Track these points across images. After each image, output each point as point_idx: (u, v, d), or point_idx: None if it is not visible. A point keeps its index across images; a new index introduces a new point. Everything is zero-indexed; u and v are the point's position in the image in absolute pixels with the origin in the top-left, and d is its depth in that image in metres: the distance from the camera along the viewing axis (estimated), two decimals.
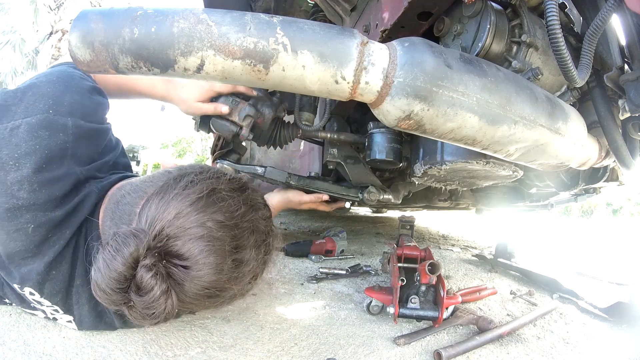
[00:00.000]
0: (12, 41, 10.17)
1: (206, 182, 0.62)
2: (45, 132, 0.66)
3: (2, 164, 0.64)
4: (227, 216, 0.60)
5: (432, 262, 0.91)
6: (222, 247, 0.58)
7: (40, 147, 0.66)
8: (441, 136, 0.63)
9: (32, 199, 0.65)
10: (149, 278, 0.53)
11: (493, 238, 2.60)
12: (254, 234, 0.64)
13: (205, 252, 0.57)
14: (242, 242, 0.62)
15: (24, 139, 0.65)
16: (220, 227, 0.58)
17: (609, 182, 1.25)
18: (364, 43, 0.57)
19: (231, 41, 0.52)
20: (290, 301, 1.14)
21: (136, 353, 0.79)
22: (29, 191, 0.64)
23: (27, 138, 0.65)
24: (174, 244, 0.56)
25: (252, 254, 0.63)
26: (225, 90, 0.99)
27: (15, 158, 0.64)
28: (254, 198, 0.67)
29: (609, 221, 9.48)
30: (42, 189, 0.66)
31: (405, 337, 0.92)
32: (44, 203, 0.66)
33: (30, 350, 0.76)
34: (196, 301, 0.60)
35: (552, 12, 0.64)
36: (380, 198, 1.24)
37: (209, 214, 0.58)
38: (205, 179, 0.63)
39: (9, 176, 0.63)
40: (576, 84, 0.69)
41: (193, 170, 0.66)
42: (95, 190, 0.75)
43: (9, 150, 0.64)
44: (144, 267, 0.53)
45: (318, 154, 1.56)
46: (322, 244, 1.65)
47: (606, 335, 1.07)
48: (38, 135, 0.66)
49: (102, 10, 0.53)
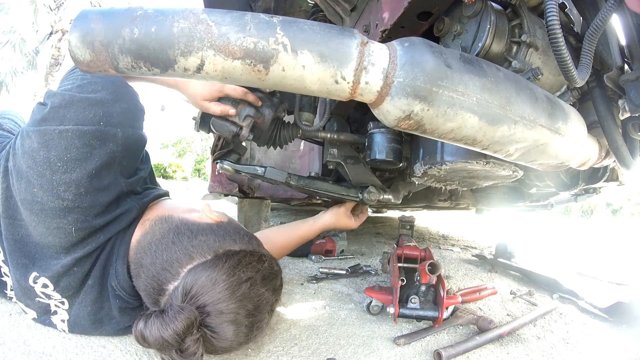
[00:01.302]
0: (12, 41, 10.16)
1: (248, 271, 0.72)
2: (97, 141, 0.71)
3: (50, 164, 0.67)
4: (254, 306, 0.72)
5: (432, 262, 0.91)
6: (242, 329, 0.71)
7: (92, 155, 0.70)
8: (441, 136, 0.63)
9: (77, 202, 0.70)
10: (194, 347, 0.64)
11: (493, 238, 2.61)
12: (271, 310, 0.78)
13: (231, 332, 0.69)
14: (260, 319, 0.74)
15: (74, 145, 0.68)
16: (247, 315, 0.71)
17: (609, 182, 1.25)
18: (364, 43, 0.57)
19: (231, 41, 0.52)
20: (290, 301, 1.14)
21: (136, 353, 0.79)
22: (75, 194, 0.69)
23: (78, 144, 0.68)
24: (211, 320, 0.67)
25: (266, 320, 0.77)
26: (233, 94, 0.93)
27: (64, 160, 0.68)
28: (278, 283, 0.80)
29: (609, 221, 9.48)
30: (87, 195, 0.70)
31: (405, 337, 0.92)
32: (88, 208, 0.71)
33: (30, 350, 0.76)
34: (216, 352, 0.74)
35: (552, 12, 0.64)
36: (380, 198, 1.23)
37: (243, 305, 0.70)
38: (248, 264, 0.74)
39: (55, 176, 0.67)
40: (576, 84, 0.69)
41: (240, 250, 0.76)
42: (136, 206, 0.83)
43: (57, 152, 0.68)
44: (191, 339, 0.64)
45: (318, 154, 1.56)
46: (322, 244, 1.65)
47: (606, 335, 1.07)
48: (89, 143, 0.70)
49: (102, 10, 0.53)
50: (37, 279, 0.76)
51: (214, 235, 0.77)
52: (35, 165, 0.68)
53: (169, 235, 0.76)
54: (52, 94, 0.72)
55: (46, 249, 0.73)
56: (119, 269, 0.78)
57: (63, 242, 0.72)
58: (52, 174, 0.67)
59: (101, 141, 0.71)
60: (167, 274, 0.71)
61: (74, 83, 0.74)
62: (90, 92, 0.72)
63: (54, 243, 0.72)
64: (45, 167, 0.68)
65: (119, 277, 0.78)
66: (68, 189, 0.68)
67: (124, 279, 0.78)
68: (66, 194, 0.68)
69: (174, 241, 0.75)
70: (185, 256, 0.72)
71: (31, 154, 0.69)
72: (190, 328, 0.63)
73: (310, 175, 1.28)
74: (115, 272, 0.78)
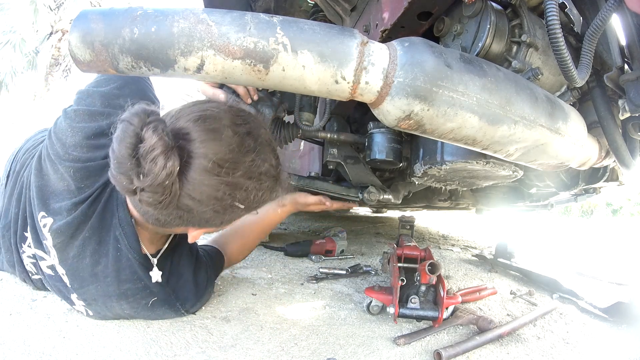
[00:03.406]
0: (12, 41, 10.16)
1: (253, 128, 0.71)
2: (101, 117, 0.85)
3: (64, 130, 0.84)
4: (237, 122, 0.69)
5: (432, 262, 0.91)
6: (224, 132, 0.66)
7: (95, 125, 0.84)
8: (441, 136, 0.63)
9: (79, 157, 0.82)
10: (153, 135, 0.59)
11: (493, 238, 2.61)
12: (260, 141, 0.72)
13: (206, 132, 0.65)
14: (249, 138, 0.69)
15: (84, 119, 0.85)
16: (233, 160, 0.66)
17: (609, 182, 1.25)
18: (364, 43, 0.57)
19: (231, 41, 0.52)
20: (290, 301, 1.14)
21: (136, 353, 0.79)
22: (80, 152, 0.82)
23: (87, 119, 0.85)
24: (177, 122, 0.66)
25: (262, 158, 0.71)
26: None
27: (73, 128, 0.84)
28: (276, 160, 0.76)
29: (609, 221, 9.48)
30: (89, 152, 0.83)
31: (405, 337, 0.92)
32: (87, 159, 0.82)
33: (30, 350, 0.76)
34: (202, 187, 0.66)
35: (552, 12, 0.64)
36: (380, 198, 1.24)
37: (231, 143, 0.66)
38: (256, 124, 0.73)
39: (68, 140, 0.83)
40: (576, 84, 0.70)
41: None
42: None
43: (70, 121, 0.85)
44: (149, 127, 0.60)
45: (318, 154, 1.56)
46: (322, 244, 1.65)
47: (606, 335, 1.07)
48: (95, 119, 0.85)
49: (102, 10, 0.53)
50: (42, 218, 0.83)
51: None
52: (58, 131, 0.85)
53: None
54: (79, 91, 0.92)
55: (56, 192, 0.83)
56: (121, 215, 0.82)
57: (66, 183, 0.82)
58: (66, 138, 0.83)
59: (105, 116, 0.85)
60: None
61: (96, 79, 0.93)
62: (103, 86, 0.90)
63: (60, 186, 0.82)
64: (62, 133, 0.84)
65: (122, 224, 0.81)
66: (75, 149, 0.82)
67: (127, 223, 0.81)
68: (73, 152, 0.82)
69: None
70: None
71: (57, 125, 0.87)
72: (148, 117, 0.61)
73: (310, 175, 1.28)
74: (119, 220, 0.82)
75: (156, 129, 0.60)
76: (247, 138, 0.69)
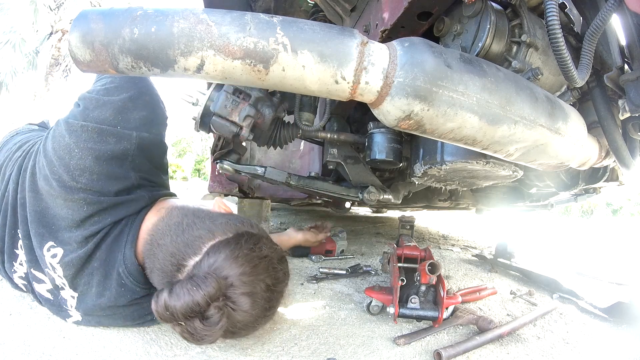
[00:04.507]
0: (12, 41, 10.15)
1: (266, 250, 0.77)
2: (112, 138, 0.81)
3: (69, 149, 0.78)
4: (272, 282, 0.76)
5: (432, 262, 0.91)
6: (260, 303, 0.74)
7: (105, 148, 0.80)
8: (441, 136, 0.63)
9: (89, 185, 0.78)
10: (218, 315, 0.67)
11: (493, 238, 2.61)
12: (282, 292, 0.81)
13: (249, 305, 0.72)
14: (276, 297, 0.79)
15: (92, 138, 0.79)
16: (266, 289, 0.74)
17: (609, 182, 1.25)
18: (364, 43, 0.57)
19: (231, 41, 0.52)
20: (290, 301, 1.14)
21: (136, 353, 0.79)
22: (89, 179, 0.78)
23: (95, 138, 0.79)
24: (233, 291, 0.70)
25: (279, 300, 0.81)
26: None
27: (80, 148, 0.78)
28: (288, 268, 0.84)
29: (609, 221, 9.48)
30: (99, 180, 0.79)
31: (405, 337, 0.92)
32: (99, 190, 0.79)
33: (30, 350, 0.76)
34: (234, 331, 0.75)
35: (552, 12, 0.64)
36: (380, 198, 1.23)
37: (262, 279, 0.74)
38: (265, 244, 0.79)
39: (72, 161, 0.78)
40: (576, 84, 0.69)
41: (258, 232, 0.82)
42: (145, 196, 0.87)
43: (76, 140, 0.78)
44: (216, 307, 0.67)
45: (318, 154, 1.56)
46: (322, 244, 1.65)
47: (606, 335, 1.07)
48: (105, 139, 0.80)
49: (102, 11, 0.53)
50: (51, 248, 0.81)
51: (233, 218, 0.82)
52: (59, 148, 0.79)
53: (190, 217, 0.81)
54: (84, 97, 0.84)
55: (62, 220, 0.80)
56: (127, 253, 0.80)
57: (75, 215, 0.78)
58: (70, 159, 0.78)
59: (117, 139, 0.81)
60: (188, 250, 0.74)
61: (104, 85, 0.85)
62: (114, 95, 0.83)
63: (68, 215, 0.79)
64: (65, 152, 0.78)
65: (127, 262, 0.80)
66: (82, 174, 0.78)
67: (131, 263, 0.80)
68: (81, 178, 0.78)
69: (194, 222, 0.79)
70: (207, 233, 0.76)
71: (57, 138, 0.80)
72: (218, 292, 0.66)
73: (310, 175, 1.28)
74: (124, 257, 0.80)
75: (222, 313, 0.67)
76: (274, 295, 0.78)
